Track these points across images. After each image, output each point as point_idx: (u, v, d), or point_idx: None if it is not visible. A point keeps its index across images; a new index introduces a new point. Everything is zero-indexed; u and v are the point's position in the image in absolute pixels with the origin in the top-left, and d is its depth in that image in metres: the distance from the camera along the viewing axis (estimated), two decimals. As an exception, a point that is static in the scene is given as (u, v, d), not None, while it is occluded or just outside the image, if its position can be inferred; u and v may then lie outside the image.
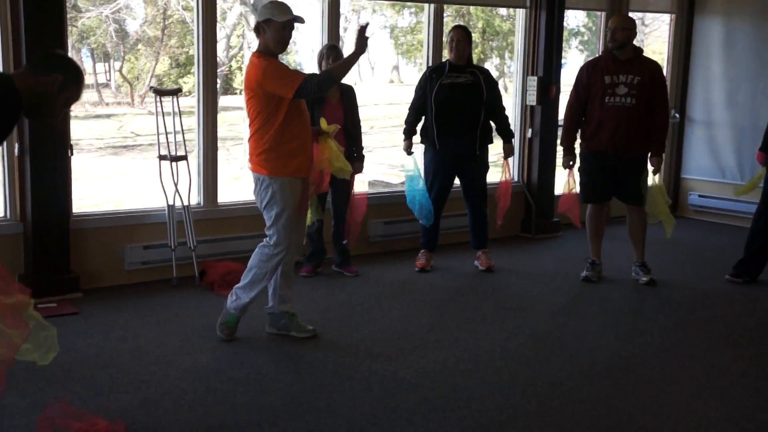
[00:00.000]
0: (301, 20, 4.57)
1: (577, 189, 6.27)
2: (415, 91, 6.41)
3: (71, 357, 4.48)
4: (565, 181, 6.35)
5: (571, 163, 6.18)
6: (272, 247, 4.69)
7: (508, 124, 6.49)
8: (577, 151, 6.20)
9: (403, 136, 6.45)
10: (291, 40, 4.63)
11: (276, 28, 4.50)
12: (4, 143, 5.41)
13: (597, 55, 6.98)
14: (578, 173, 6.22)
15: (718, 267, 6.84)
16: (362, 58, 4.79)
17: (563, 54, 8.02)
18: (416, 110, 6.35)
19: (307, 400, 4.01)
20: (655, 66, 6.04)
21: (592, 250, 6.31)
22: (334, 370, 4.38)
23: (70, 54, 5.87)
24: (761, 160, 6.34)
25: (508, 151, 6.51)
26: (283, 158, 4.58)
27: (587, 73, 6.05)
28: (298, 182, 4.66)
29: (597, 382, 4.34)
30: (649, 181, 6.10)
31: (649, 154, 6.05)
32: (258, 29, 4.57)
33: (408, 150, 6.40)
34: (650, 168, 6.05)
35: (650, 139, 5.97)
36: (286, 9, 4.55)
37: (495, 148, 6.59)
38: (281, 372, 4.37)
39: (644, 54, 6.05)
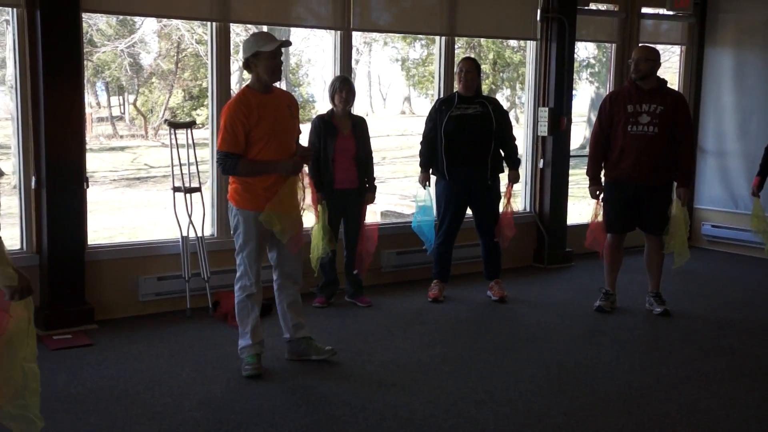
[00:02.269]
0: (287, 44, 4.63)
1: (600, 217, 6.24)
2: (426, 123, 6.45)
3: (86, 388, 4.50)
4: (593, 211, 6.31)
5: (597, 192, 6.17)
6: (239, 278, 4.77)
7: (517, 153, 6.49)
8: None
9: (419, 169, 6.48)
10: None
11: (266, 57, 4.54)
12: (21, 176, 5.50)
13: (620, 86, 7.01)
14: (602, 203, 6.20)
15: (732, 297, 6.81)
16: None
17: (574, 85, 8.06)
18: (429, 142, 6.38)
19: (321, 432, 4.00)
20: (678, 97, 6.06)
21: (607, 280, 6.30)
22: (348, 401, 4.38)
23: (85, 87, 5.95)
24: (756, 185, 6.45)
25: (514, 178, 6.51)
26: (250, 193, 4.62)
27: (610, 102, 6.08)
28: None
29: (611, 414, 4.31)
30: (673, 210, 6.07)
31: (674, 185, 6.05)
32: (248, 65, 4.59)
33: (424, 183, 6.43)
34: (676, 199, 6.02)
35: (676, 169, 5.97)
36: (270, 37, 4.60)
37: (501, 178, 6.59)
38: (294, 403, 4.36)
39: (668, 85, 6.07)
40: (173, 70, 16.90)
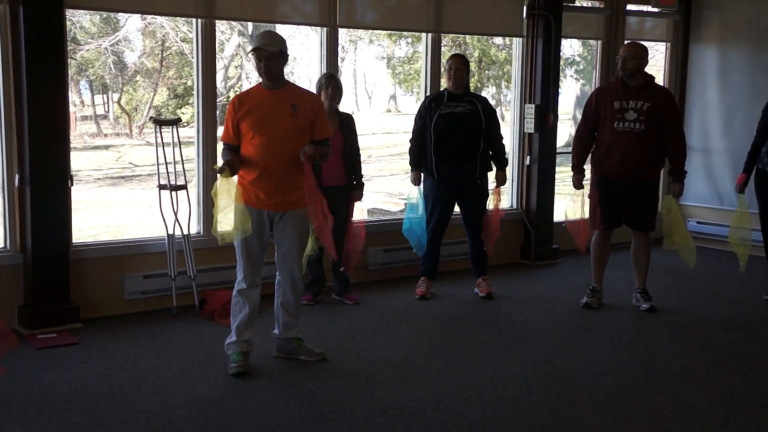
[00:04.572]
0: (256, 47, 4.65)
1: (586, 214, 6.24)
2: (415, 121, 6.43)
3: (71, 387, 4.47)
4: (577, 206, 6.29)
5: (581, 182, 6.15)
6: (237, 272, 4.81)
7: (504, 153, 6.51)
8: (588, 178, 6.21)
9: (410, 168, 6.46)
10: (287, 70, 4.74)
11: (253, 58, 4.72)
12: (4, 174, 5.45)
13: (607, 82, 7.02)
14: (588, 199, 6.21)
15: (718, 293, 6.84)
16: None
17: (559, 83, 8.07)
18: (419, 140, 6.35)
19: (309, 429, 3.98)
20: (666, 93, 6.08)
21: (594, 276, 6.31)
22: (336, 399, 4.36)
23: (68, 85, 5.89)
24: (741, 182, 6.45)
25: (501, 179, 6.51)
26: (242, 186, 4.71)
27: (596, 98, 6.09)
28: (254, 212, 4.67)
29: (599, 409, 4.32)
30: (659, 208, 6.10)
31: (660, 181, 6.05)
32: None
33: (416, 182, 6.42)
34: (668, 195, 6.05)
35: (662, 165, 5.99)
36: (254, 40, 4.76)
37: (489, 176, 6.58)
38: (282, 401, 4.34)
39: (655, 81, 6.08)
40: (158, 69, 16.80)
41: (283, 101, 4.70)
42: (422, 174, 6.40)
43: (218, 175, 4.57)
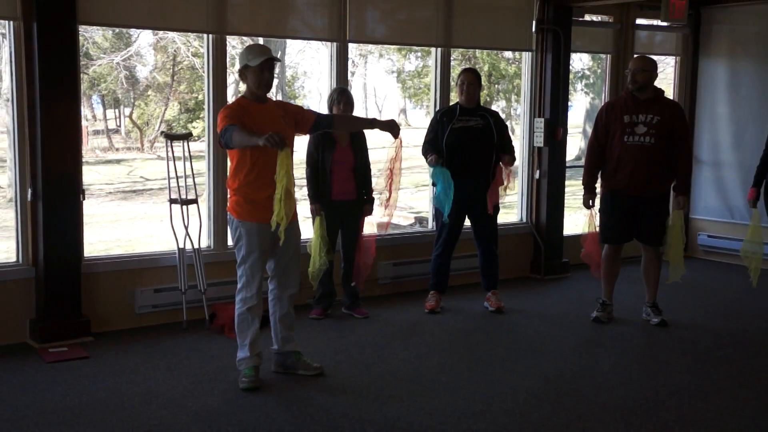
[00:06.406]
0: (276, 60, 4.67)
1: (597, 229, 6.26)
2: (428, 132, 6.43)
3: (82, 401, 4.48)
4: (585, 221, 6.33)
5: (591, 202, 6.20)
6: (240, 290, 4.75)
7: (513, 151, 6.41)
8: (598, 191, 6.23)
9: (425, 158, 6.31)
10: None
11: (254, 72, 4.63)
12: (17, 189, 5.49)
13: (616, 96, 7.04)
14: (598, 213, 6.22)
15: (729, 307, 6.82)
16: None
17: (569, 96, 8.08)
18: (433, 144, 6.31)
19: (319, 443, 3.99)
20: (675, 106, 6.08)
21: (604, 290, 6.30)
22: (345, 413, 4.36)
23: (81, 100, 5.92)
24: (752, 197, 6.50)
25: (509, 159, 6.28)
26: (252, 204, 4.61)
27: (606, 112, 6.09)
28: (269, 228, 4.55)
29: (609, 424, 4.30)
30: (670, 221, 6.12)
31: (671, 195, 6.08)
32: (242, 75, 4.72)
33: (436, 161, 6.15)
34: (673, 207, 6.05)
35: (673, 180, 6.02)
36: (259, 52, 4.66)
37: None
38: (291, 415, 4.35)
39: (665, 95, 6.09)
40: (169, 83, 16.90)
41: (275, 115, 4.72)
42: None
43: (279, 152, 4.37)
